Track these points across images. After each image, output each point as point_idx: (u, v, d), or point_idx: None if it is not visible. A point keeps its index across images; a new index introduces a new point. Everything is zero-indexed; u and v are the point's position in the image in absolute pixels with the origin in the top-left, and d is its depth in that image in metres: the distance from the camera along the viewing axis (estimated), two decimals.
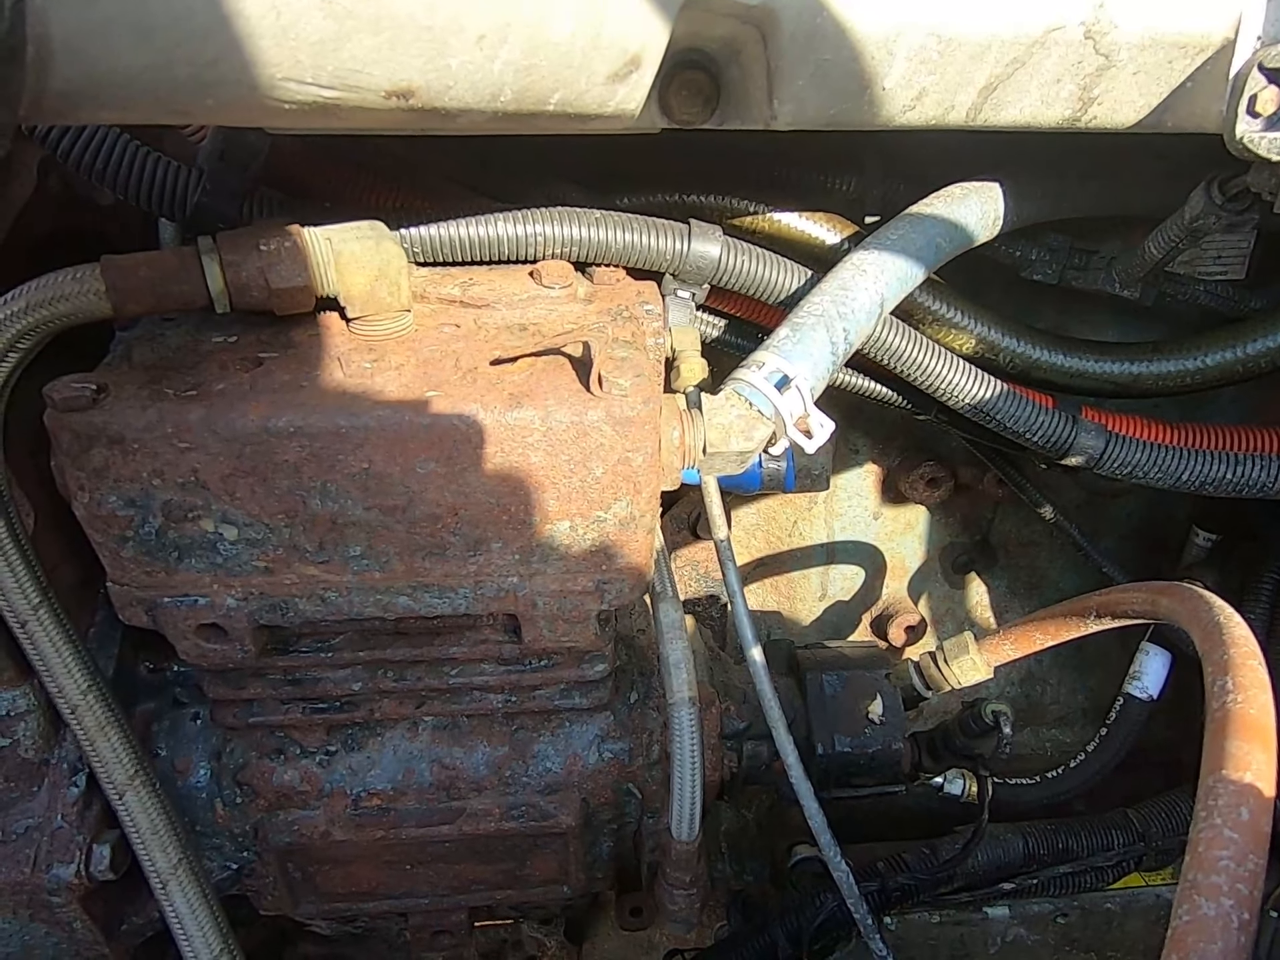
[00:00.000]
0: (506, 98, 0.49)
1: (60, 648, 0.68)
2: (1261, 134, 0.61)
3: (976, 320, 0.87)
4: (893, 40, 0.58)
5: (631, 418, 0.61)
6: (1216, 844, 0.47)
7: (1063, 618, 0.84)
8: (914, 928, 0.98)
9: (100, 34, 0.36)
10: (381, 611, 0.67)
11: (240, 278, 0.61)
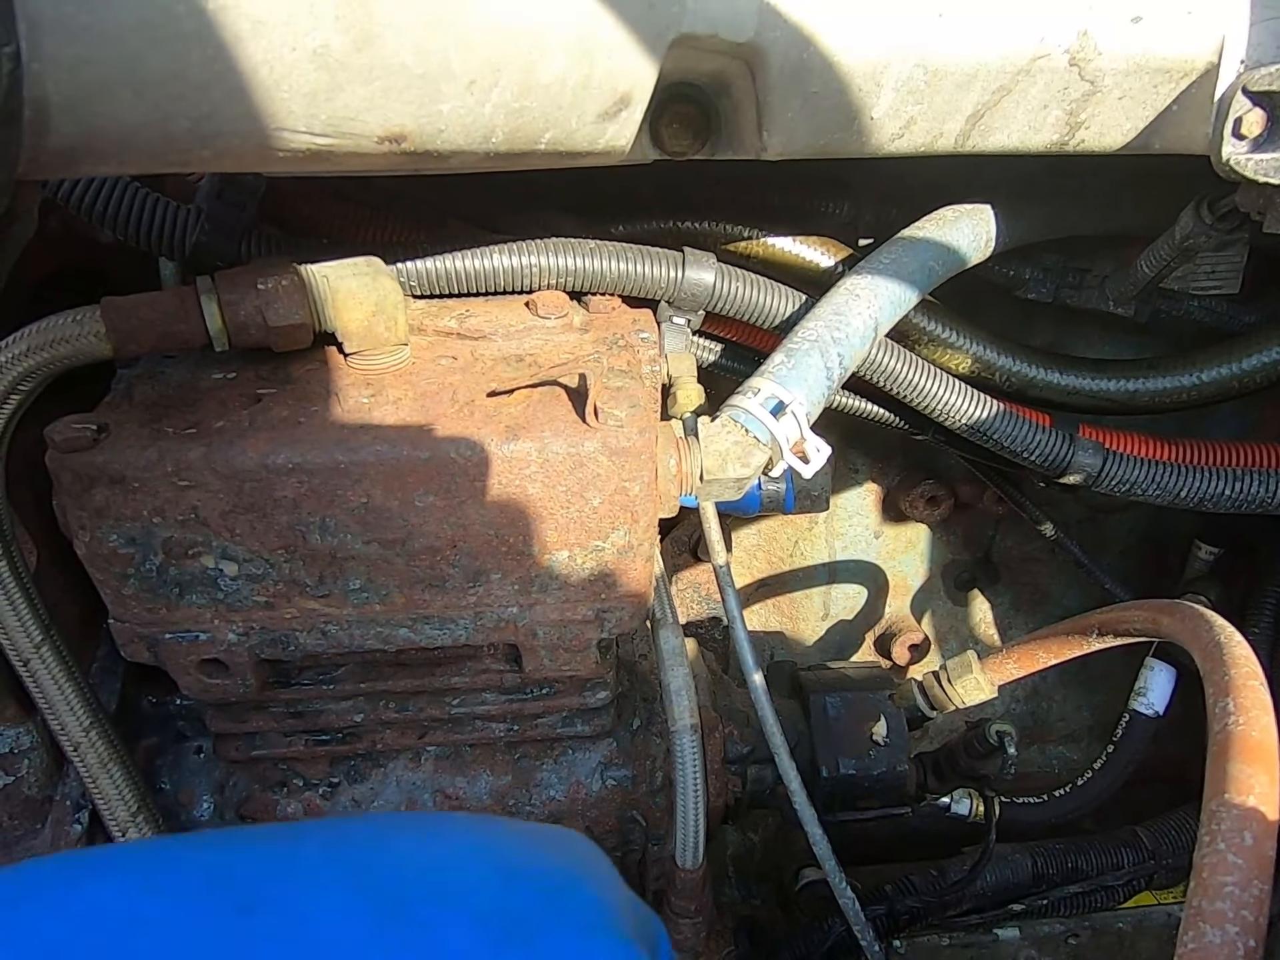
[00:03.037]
0: (498, 139, 0.50)
1: (63, 685, 0.68)
2: (1247, 156, 0.61)
3: (972, 340, 0.87)
4: (880, 72, 0.59)
5: (628, 448, 0.62)
6: (1221, 869, 0.47)
7: (1065, 636, 0.83)
8: (923, 951, 0.97)
9: (97, 93, 0.37)
10: (382, 643, 0.67)
11: (238, 316, 0.61)
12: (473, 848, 0.31)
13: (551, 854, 0.32)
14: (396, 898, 0.28)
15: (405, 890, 0.28)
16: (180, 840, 0.28)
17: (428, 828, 0.31)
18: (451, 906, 0.28)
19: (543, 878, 0.30)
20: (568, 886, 0.30)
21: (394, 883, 0.29)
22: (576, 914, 0.29)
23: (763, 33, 0.55)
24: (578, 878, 0.31)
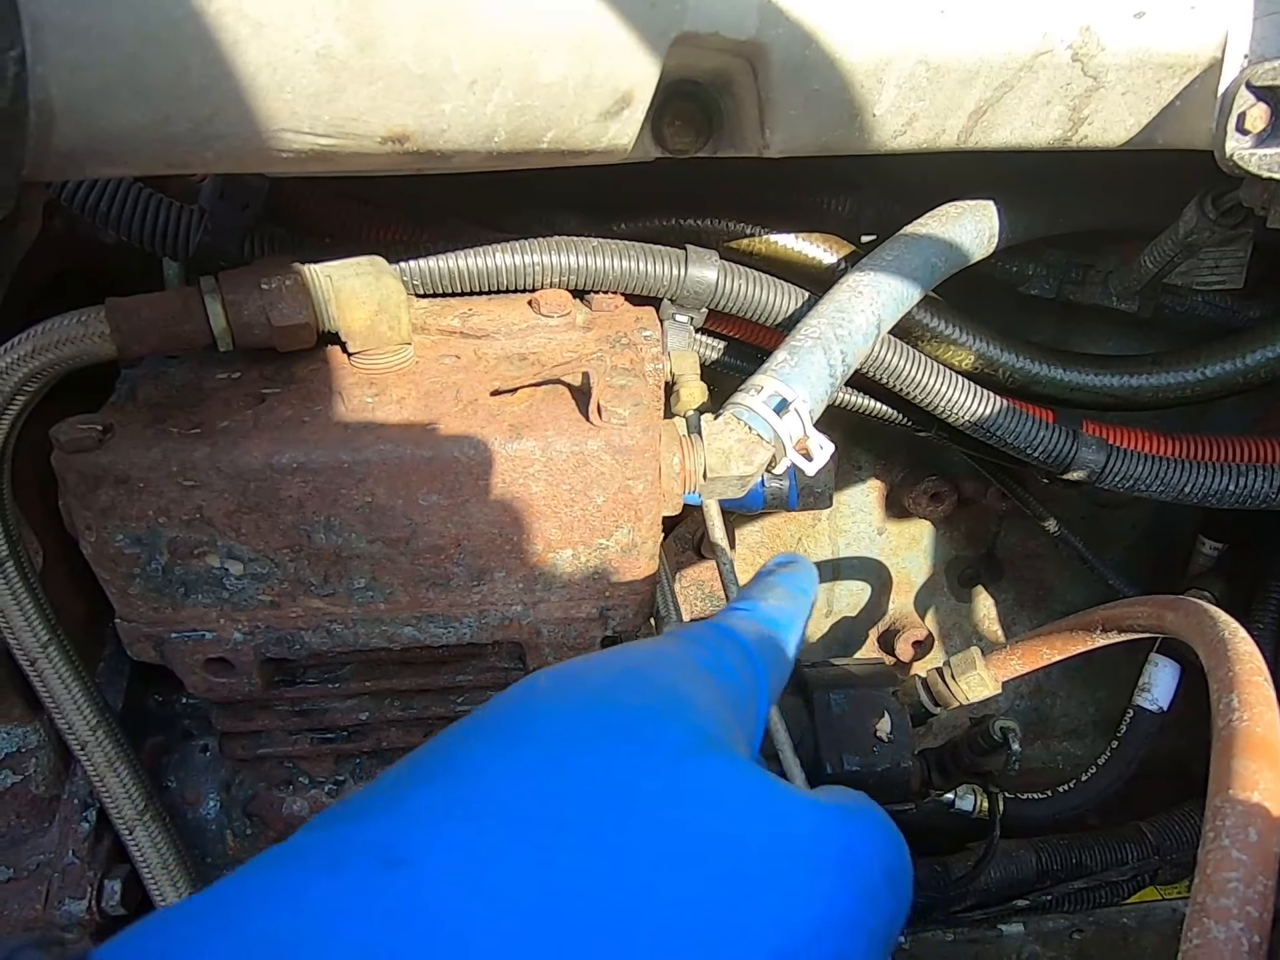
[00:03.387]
0: (500, 138, 0.50)
1: (69, 684, 0.68)
2: (1251, 151, 0.61)
3: (975, 336, 0.87)
4: (882, 69, 0.59)
5: (631, 446, 0.62)
6: (1225, 866, 0.47)
7: (1069, 632, 0.83)
8: (928, 946, 0.98)
9: (100, 96, 0.37)
10: (387, 642, 0.68)
11: (242, 317, 0.62)
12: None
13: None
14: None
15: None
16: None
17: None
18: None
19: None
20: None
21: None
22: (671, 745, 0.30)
23: (764, 30, 0.55)
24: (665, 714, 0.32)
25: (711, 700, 0.34)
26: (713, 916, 0.26)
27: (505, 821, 0.27)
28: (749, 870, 0.28)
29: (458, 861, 0.25)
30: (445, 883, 0.25)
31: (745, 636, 0.39)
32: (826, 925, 0.28)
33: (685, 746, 0.30)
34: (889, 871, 0.31)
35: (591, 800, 0.28)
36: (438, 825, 0.27)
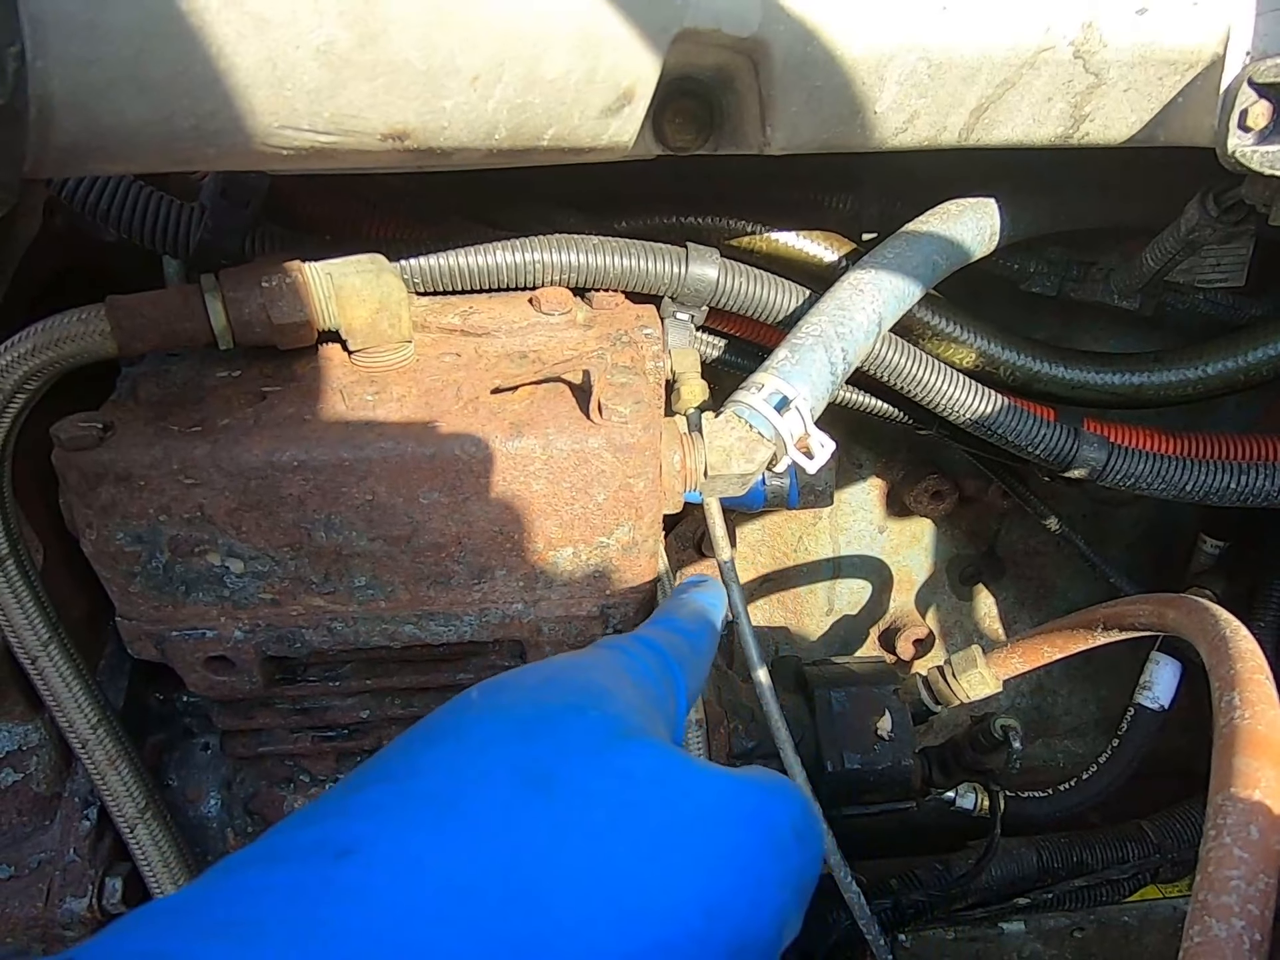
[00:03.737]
0: (501, 135, 0.50)
1: (70, 682, 0.68)
2: (1253, 148, 0.61)
3: (976, 334, 0.87)
4: (883, 65, 0.59)
5: (632, 444, 0.62)
6: (1227, 863, 0.47)
7: (1070, 630, 0.83)
8: (929, 944, 0.98)
9: (101, 91, 0.37)
10: (388, 640, 0.68)
11: (243, 314, 0.62)
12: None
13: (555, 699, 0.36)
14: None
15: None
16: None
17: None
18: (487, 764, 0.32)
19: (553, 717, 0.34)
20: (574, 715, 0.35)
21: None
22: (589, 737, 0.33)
23: (766, 27, 0.55)
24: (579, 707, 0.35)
25: (630, 695, 0.37)
26: (634, 880, 0.29)
27: (439, 812, 0.30)
28: (666, 835, 0.31)
29: (397, 848, 0.28)
30: (387, 866, 0.28)
31: (661, 643, 0.43)
32: (744, 878, 0.31)
33: (604, 734, 0.34)
34: (797, 830, 0.34)
35: (515, 787, 0.31)
36: (380, 819, 0.30)
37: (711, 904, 0.30)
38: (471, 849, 0.29)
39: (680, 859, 0.30)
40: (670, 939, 0.29)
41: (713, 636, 0.48)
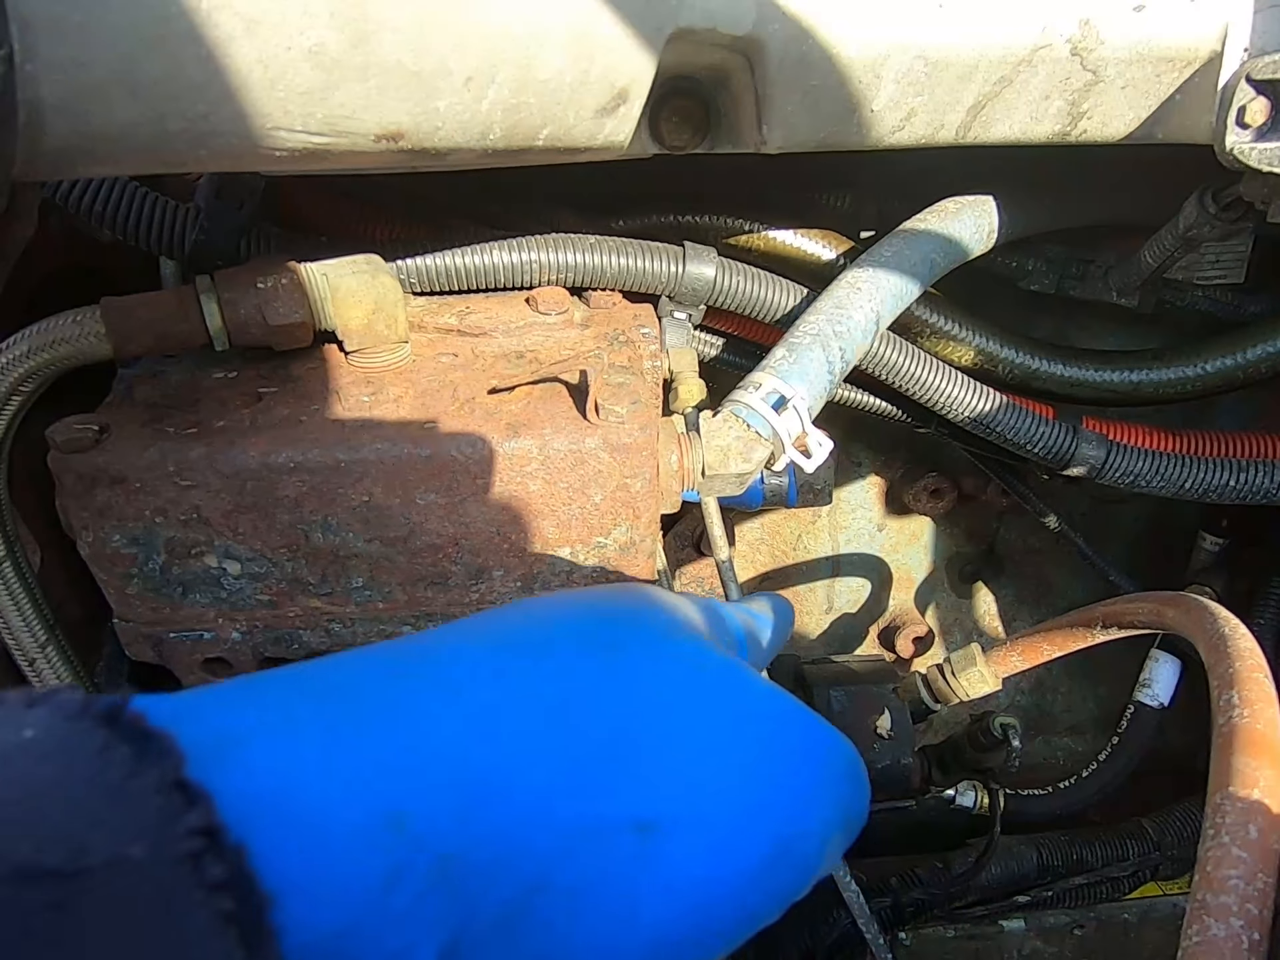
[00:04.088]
0: (495, 135, 0.50)
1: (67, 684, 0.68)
2: (1251, 145, 0.61)
3: (975, 332, 0.87)
4: (880, 64, 0.59)
5: (629, 444, 0.62)
6: (1225, 863, 0.47)
7: (1069, 628, 0.83)
8: (929, 943, 0.98)
9: (91, 95, 0.37)
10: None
11: (238, 316, 0.61)
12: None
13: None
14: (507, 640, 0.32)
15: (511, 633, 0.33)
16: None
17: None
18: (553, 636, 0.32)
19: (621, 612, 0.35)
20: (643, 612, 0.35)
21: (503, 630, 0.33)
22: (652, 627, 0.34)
23: (761, 26, 0.54)
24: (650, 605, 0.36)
25: (699, 620, 0.38)
26: (692, 751, 0.30)
27: (516, 645, 0.31)
28: (730, 724, 0.31)
29: (474, 661, 0.29)
30: (461, 667, 0.29)
31: (731, 614, 0.43)
32: (796, 784, 0.31)
33: (677, 630, 0.34)
34: (851, 764, 0.35)
35: (589, 645, 0.31)
36: (460, 638, 0.31)
37: (762, 796, 0.30)
38: (544, 677, 0.29)
39: (739, 746, 0.31)
40: (717, 810, 0.29)
41: (778, 630, 0.47)
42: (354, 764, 0.24)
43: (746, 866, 0.29)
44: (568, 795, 0.27)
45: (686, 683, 0.32)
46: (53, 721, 0.20)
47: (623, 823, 0.27)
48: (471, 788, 0.25)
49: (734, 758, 0.30)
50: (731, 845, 0.29)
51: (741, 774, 0.30)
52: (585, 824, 0.27)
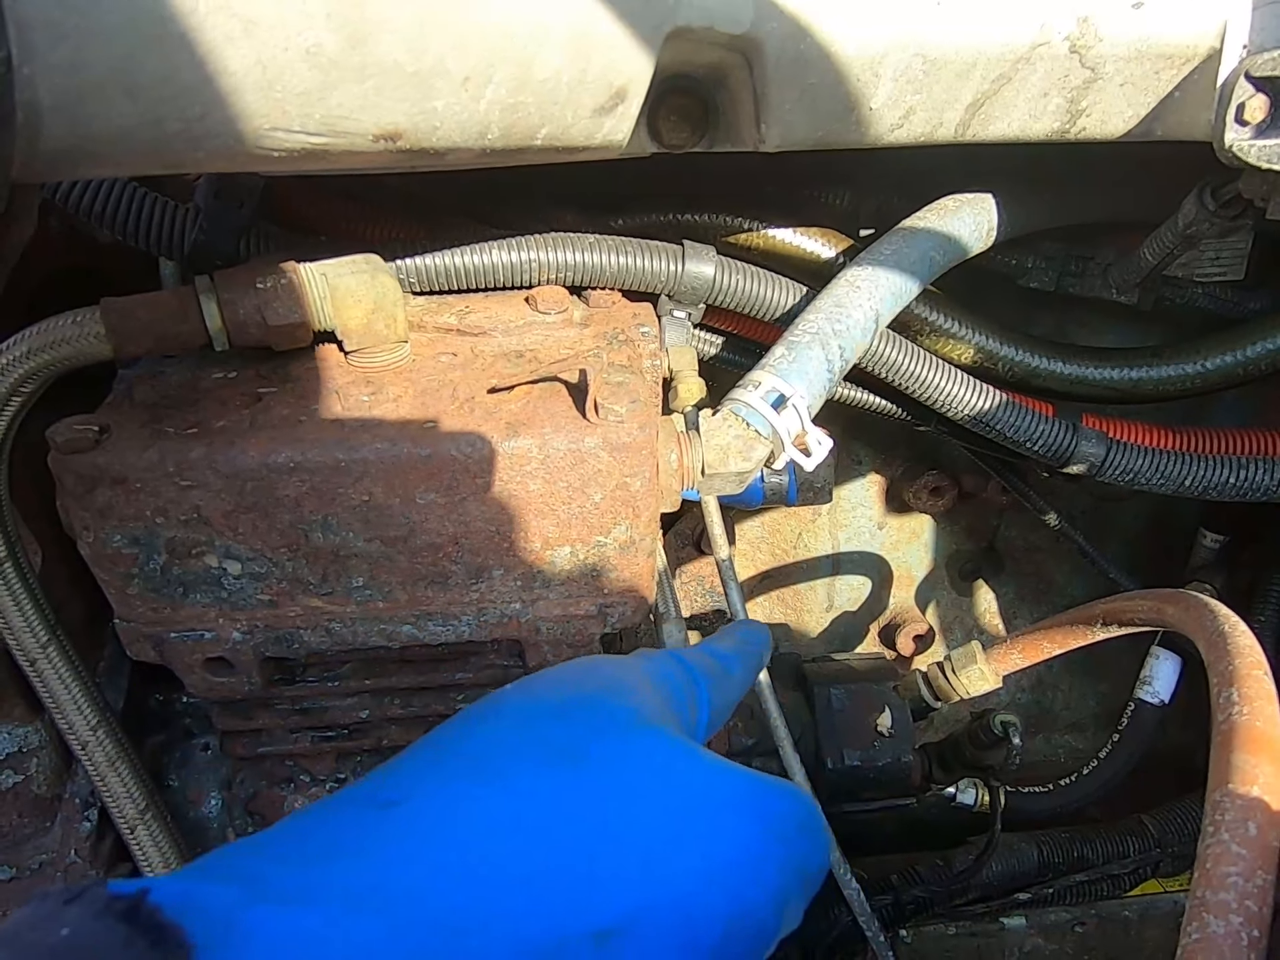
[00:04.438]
0: (493, 135, 0.50)
1: (69, 684, 0.69)
2: (1250, 142, 0.61)
3: (974, 330, 0.87)
4: (878, 62, 0.59)
5: (628, 443, 0.62)
6: (1224, 860, 0.47)
7: (1070, 626, 0.83)
8: (930, 940, 0.98)
9: (90, 96, 0.37)
10: (386, 640, 0.68)
11: (238, 316, 0.61)
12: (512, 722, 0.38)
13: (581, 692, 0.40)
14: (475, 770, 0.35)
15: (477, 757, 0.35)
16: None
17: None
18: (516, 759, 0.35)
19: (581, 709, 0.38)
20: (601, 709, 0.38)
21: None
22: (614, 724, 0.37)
23: (759, 24, 0.54)
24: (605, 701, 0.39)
25: (649, 696, 0.40)
26: (642, 844, 0.32)
27: (477, 775, 0.33)
28: (676, 809, 0.34)
29: (438, 802, 0.32)
30: (429, 815, 0.32)
31: (688, 658, 0.46)
32: (744, 855, 0.34)
33: (629, 720, 0.37)
34: (801, 823, 0.36)
35: (547, 758, 0.34)
36: (423, 777, 0.34)
37: (712, 873, 0.32)
38: (501, 807, 0.32)
39: (686, 831, 0.33)
40: (671, 899, 0.31)
41: (746, 661, 0.50)
42: (337, 929, 0.27)
43: (702, 951, 0.31)
44: (531, 918, 0.30)
45: (638, 786, 0.34)
46: (83, 920, 0.24)
47: (583, 935, 0.30)
48: (443, 932, 0.28)
49: (684, 852, 0.33)
50: (685, 935, 0.31)
51: (691, 867, 0.32)
52: (549, 941, 0.29)
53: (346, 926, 0.27)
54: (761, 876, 0.33)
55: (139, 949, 0.24)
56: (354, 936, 0.27)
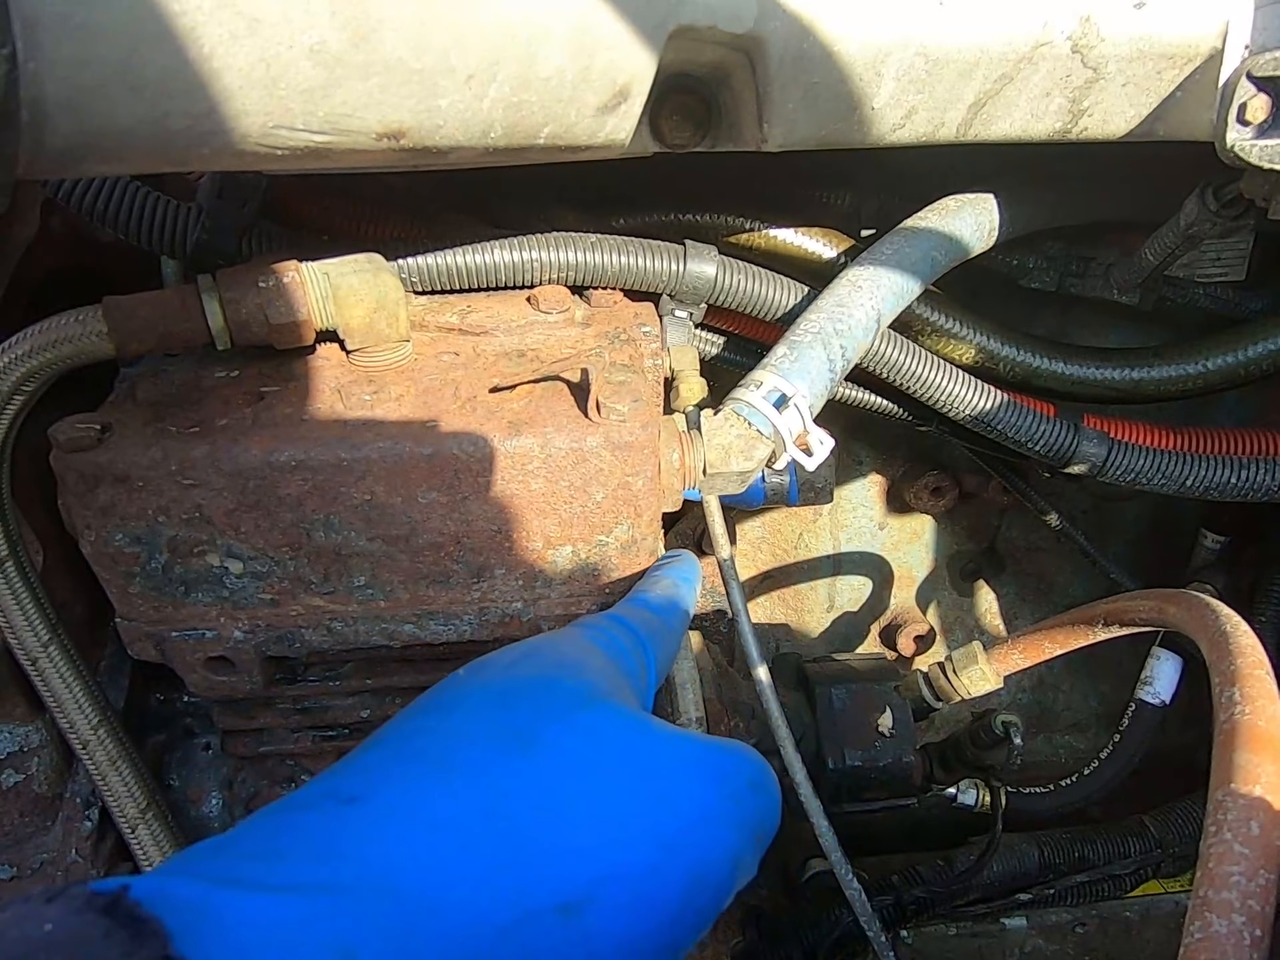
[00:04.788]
0: (497, 133, 0.50)
1: (71, 683, 0.69)
2: (1252, 142, 0.61)
3: (976, 330, 0.87)
4: (880, 61, 0.59)
5: (630, 442, 0.62)
6: (1227, 859, 0.47)
7: (1071, 626, 0.83)
8: (931, 940, 0.98)
9: (94, 93, 0.37)
10: (387, 640, 0.68)
11: (240, 315, 0.61)
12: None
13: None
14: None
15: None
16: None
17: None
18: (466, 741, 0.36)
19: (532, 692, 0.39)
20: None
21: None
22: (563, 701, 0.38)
23: (762, 23, 0.54)
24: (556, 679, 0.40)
25: (600, 665, 0.42)
26: (597, 819, 0.33)
27: (430, 766, 0.34)
28: (628, 781, 0.35)
29: (395, 795, 0.33)
30: (387, 809, 0.33)
31: (631, 620, 0.47)
32: (696, 817, 0.35)
33: (574, 700, 0.38)
34: (752, 781, 0.38)
35: (496, 745, 0.35)
36: (380, 773, 0.35)
37: (666, 838, 0.34)
38: (459, 795, 0.33)
39: (639, 801, 0.35)
40: (629, 867, 0.33)
41: (683, 611, 0.52)
42: (307, 914, 0.28)
43: (663, 913, 0.33)
44: (495, 897, 0.31)
45: (591, 763, 0.35)
46: (64, 915, 0.25)
47: (547, 909, 0.31)
48: (410, 914, 0.29)
49: (639, 821, 0.34)
50: (645, 900, 0.33)
51: (644, 833, 0.34)
52: (515, 916, 0.31)
53: (314, 911, 0.28)
54: (716, 836, 0.35)
55: (119, 939, 0.25)
56: (321, 920, 0.28)
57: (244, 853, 0.31)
